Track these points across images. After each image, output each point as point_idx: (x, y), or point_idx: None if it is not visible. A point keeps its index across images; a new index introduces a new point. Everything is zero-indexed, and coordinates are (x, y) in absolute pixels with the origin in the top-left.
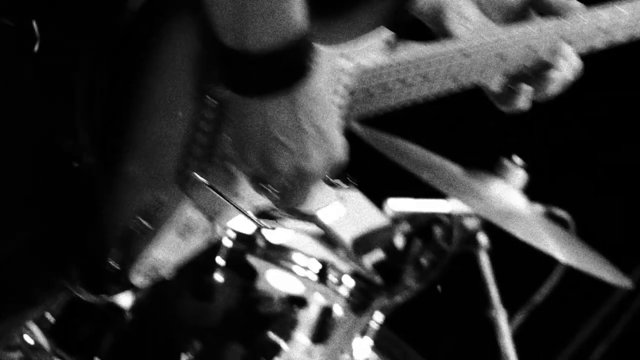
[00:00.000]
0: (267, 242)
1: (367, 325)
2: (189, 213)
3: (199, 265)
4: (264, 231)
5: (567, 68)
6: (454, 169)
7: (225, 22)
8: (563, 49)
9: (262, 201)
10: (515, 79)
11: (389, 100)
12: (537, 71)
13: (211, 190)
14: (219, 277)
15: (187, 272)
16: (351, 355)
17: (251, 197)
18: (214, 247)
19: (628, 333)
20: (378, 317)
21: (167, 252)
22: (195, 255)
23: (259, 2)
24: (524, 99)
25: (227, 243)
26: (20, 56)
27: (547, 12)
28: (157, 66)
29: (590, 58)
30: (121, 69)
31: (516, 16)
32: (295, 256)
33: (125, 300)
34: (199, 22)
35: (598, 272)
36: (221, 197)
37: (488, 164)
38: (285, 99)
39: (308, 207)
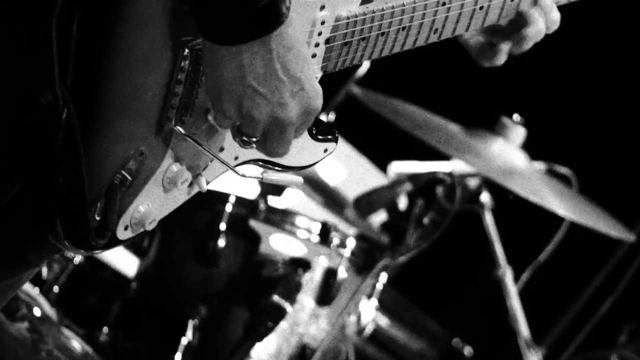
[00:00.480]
0: (269, 205)
1: (373, 286)
2: (172, 166)
3: (202, 231)
4: (266, 194)
5: (543, 22)
6: (454, 128)
7: None
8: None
9: (246, 153)
10: (494, 33)
11: (365, 50)
12: (515, 24)
13: (192, 142)
14: (222, 242)
15: (190, 238)
16: (357, 317)
17: (236, 150)
18: (216, 212)
19: (633, 287)
20: (383, 278)
21: (152, 206)
22: (177, 207)
23: None
24: (503, 53)
25: (229, 208)
26: None
27: None
28: (132, 17)
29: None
30: (96, 20)
31: None
32: (297, 219)
33: (130, 268)
34: None
35: (602, 227)
36: (203, 149)
37: (488, 122)
38: (260, 47)
39: (294, 159)
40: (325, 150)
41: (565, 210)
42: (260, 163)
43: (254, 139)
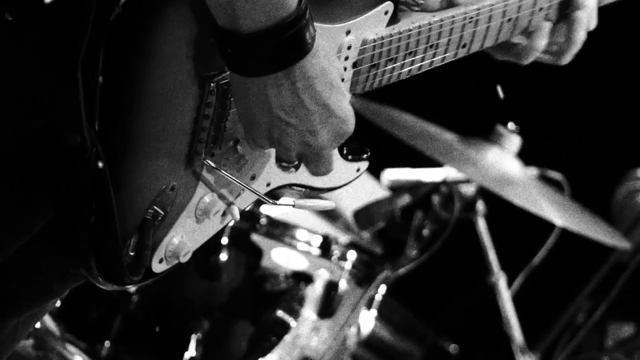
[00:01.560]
0: (269, 219)
1: (372, 297)
2: (204, 197)
3: (204, 244)
4: (266, 208)
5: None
6: (450, 137)
7: (218, 3)
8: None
9: (279, 179)
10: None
11: (394, 71)
12: (559, 21)
13: (222, 173)
14: (224, 256)
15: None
16: (357, 328)
17: (268, 177)
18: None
19: (627, 292)
20: (382, 289)
21: (185, 238)
22: (210, 237)
23: None
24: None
25: (231, 222)
26: (18, 49)
27: None
28: (156, 55)
29: None
30: (121, 60)
31: None
32: (298, 232)
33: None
34: (195, 7)
35: (596, 235)
36: (234, 180)
37: (481, 130)
38: (285, 78)
39: (328, 180)
40: (358, 170)
41: (561, 219)
42: (294, 188)
43: (292, 164)
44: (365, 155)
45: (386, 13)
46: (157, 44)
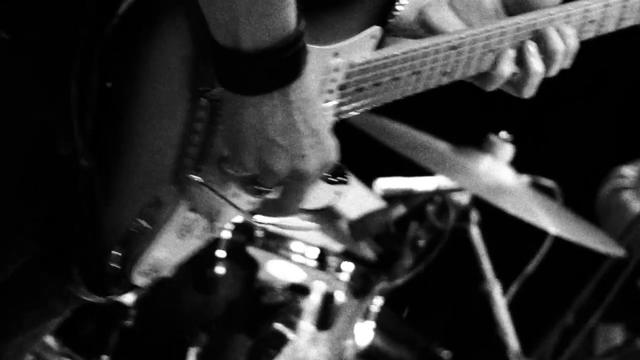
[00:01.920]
0: (265, 232)
1: (369, 309)
2: (188, 213)
3: (199, 258)
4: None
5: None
6: (442, 146)
7: (219, 21)
8: (556, 32)
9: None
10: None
11: (377, 95)
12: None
13: (208, 189)
14: (220, 270)
15: (189, 266)
16: (354, 340)
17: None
18: (214, 239)
19: (622, 299)
20: (378, 300)
21: (167, 252)
22: (192, 252)
23: (252, 2)
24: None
25: (226, 235)
26: (15, 66)
27: (526, 10)
28: (148, 67)
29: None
30: (113, 71)
31: (492, 20)
32: (294, 244)
33: (128, 297)
34: (191, 22)
35: (589, 243)
36: (218, 196)
37: (472, 139)
38: (280, 99)
39: (305, 205)
40: (338, 193)
41: (555, 227)
42: None
43: (268, 190)
44: (344, 179)
45: (373, 37)
46: (151, 57)
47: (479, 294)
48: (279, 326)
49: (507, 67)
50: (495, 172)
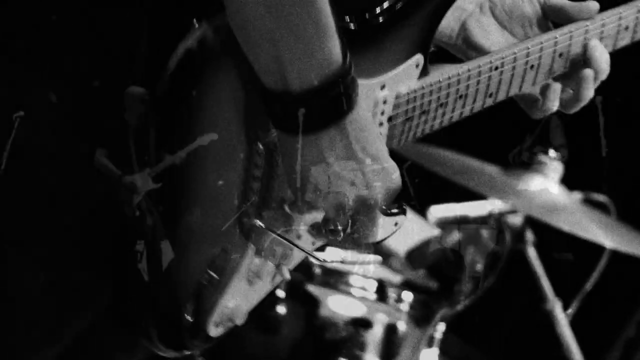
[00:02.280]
0: (323, 268)
1: (432, 336)
2: (255, 259)
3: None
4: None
5: (600, 63)
6: (492, 169)
7: (265, 65)
8: (593, 47)
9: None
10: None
11: (427, 123)
12: (571, 74)
13: (272, 234)
14: (282, 309)
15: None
16: None
17: (312, 236)
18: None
19: None
20: (441, 327)
21: (239, 300)
22: (263, 298)
23: (296, 43)
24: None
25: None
26: (74, 130)
27: (564, 19)
28: (204, 118)
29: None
30: (170, 125)
31: (534, 28)
32: (352, 279)
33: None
34: (239, 69)
35: None
36: (283, 240)
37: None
38: (337, 131)
39: (375, 238)
40: (396, 224)
41: (610, 241)
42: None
43: (342, 228)
44: (401, 210)
45: (417, 66)
46: (205, 109)
47: (541, 313)
48: None
49: (556, 103)
50: (547, 190)
